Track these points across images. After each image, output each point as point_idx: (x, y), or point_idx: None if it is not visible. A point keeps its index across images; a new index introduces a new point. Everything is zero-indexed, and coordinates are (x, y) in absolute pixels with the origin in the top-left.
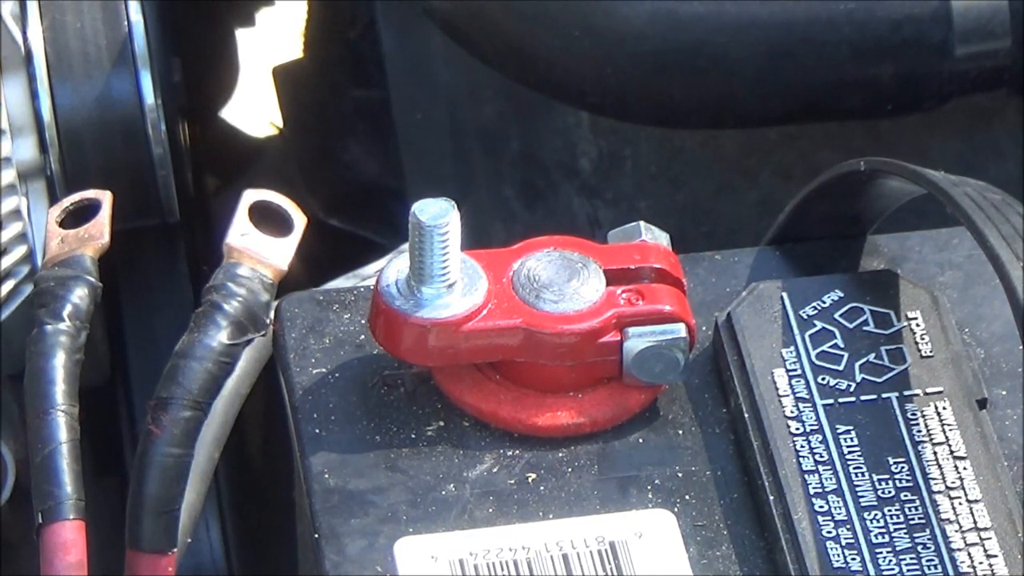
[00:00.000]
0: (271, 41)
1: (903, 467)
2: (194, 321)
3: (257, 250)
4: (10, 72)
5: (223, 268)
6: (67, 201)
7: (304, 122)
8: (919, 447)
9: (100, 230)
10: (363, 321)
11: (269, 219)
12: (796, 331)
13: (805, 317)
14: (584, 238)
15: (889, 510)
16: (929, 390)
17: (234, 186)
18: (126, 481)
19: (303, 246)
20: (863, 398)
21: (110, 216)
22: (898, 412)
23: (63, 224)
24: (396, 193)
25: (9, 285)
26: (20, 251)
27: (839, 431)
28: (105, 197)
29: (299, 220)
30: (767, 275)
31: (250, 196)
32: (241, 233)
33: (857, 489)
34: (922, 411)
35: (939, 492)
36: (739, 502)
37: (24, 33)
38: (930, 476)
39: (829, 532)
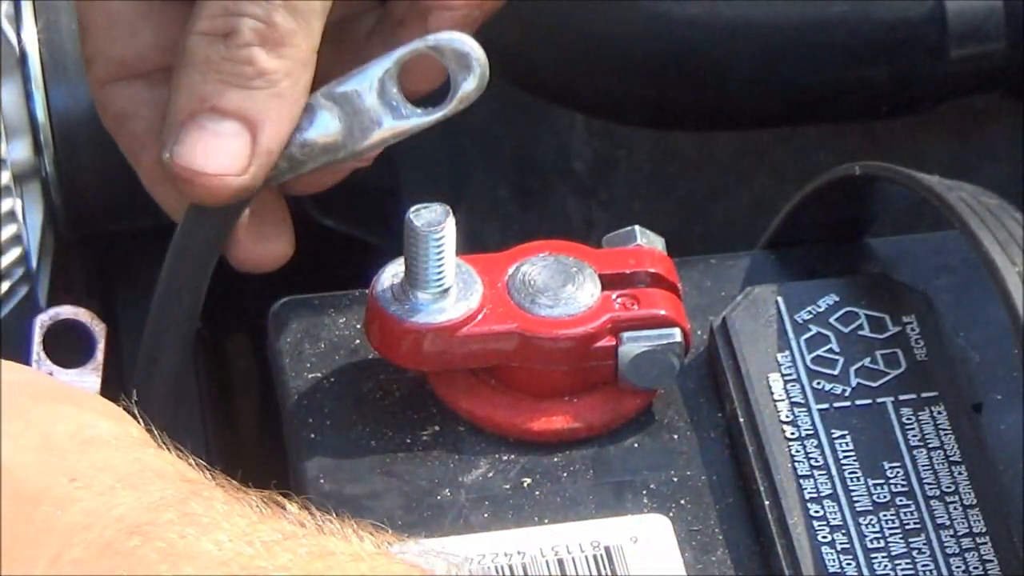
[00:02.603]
0: None
1: (898, 472)
2: None
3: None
4: (5, 74)
5: None
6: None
7: None
8: (914, 452)
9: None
10: (358, 326)
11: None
12: (791, 335)
13: (800, 321)
14: (579, 239)
15: (884, 515)
16: (924, 394)
17: None
18: None
19: (299, 246)
20: (858, 402)
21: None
22: (893, 416)
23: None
24: (391, 194)
25: (4, 287)
26: (15, 253)
27: (834, 436)
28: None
29: (100, 332)
30: (762, 279)
31: (42, 321)
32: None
33: (852, 494)
34: (917, 415)
35: (934, 497)
36: (734, 507)
37: (19, 35)
38: (925, 481)
39: (825, 537)
